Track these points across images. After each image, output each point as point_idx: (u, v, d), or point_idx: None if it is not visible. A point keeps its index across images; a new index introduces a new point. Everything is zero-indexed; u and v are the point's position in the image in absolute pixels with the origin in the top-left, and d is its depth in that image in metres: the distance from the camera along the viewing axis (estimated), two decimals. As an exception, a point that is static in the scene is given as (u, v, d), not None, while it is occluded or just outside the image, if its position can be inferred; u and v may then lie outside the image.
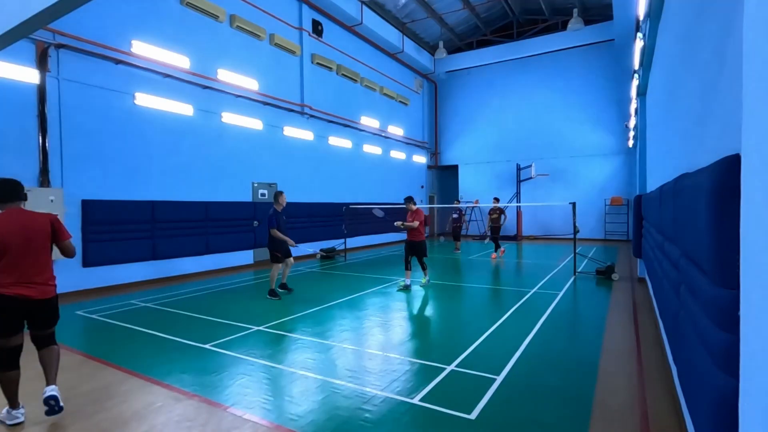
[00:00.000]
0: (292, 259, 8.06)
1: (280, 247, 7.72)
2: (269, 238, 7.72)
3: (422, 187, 22.13)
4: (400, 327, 5.96)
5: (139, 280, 9.25)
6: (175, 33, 9.95)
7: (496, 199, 14.04)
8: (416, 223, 8.31)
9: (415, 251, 8.53)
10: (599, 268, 9.67)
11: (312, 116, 14.19)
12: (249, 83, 11.88)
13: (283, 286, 8.06)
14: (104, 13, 8.57)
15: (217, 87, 10.97)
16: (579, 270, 10.23)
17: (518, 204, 18.77)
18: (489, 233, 13.70)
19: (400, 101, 19.67)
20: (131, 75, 9.08)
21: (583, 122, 19.13)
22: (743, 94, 1.37)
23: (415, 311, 6.84)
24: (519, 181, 20.20)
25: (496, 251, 13.30)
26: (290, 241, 7.77)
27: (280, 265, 7.83)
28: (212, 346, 5.10)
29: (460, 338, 5.36)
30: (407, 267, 8.50)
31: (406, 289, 8.33)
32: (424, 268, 8.71)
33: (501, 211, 13.33)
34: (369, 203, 16.57)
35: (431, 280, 9.04)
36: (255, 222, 11.92)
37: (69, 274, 8.07)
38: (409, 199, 8.57)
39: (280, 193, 7.90)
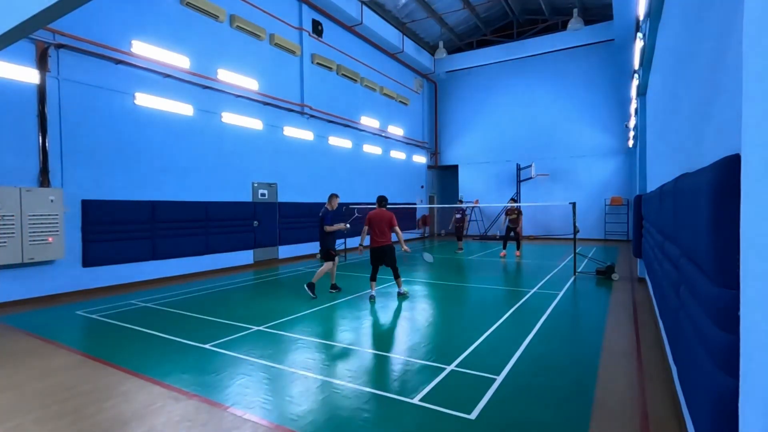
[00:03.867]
0: (337, 258, 8.27)
1: (334, 244, 8.01)
2: (325, 236, 7.89)
3: (422, 187, 22.13)
4: (400, 327, 5.96)
5: (139, 280, 9.25)
6: (175, 33, 9.95)
7: (513, 200, 14.00)
8: (341, 226, 7.81)
9: (377, 259, 7.48)
10: (599, 268, 9.67)
11: (312, 116, 14.19)
12: (249, 83, 11.88)
13: (333, 286, 8.25)
14: (104, 13, 8.57)
15: (217, 87, 10.97)
16: (579, 270, 10.23)
17: (518, 204, 18.73)
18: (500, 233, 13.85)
19: (400, 101, 19.67)
20: (131, 75, 9.08)
21: (583, 122, 19.13)
22: (743, 94, 1.37)
23: (415, 311, 6.83)
24: (519, 181, 20.21)
25: (518, 249, 13.92)
26: (343, 226, 8.06)
27: (331, 263, 8.00)
28: (212, 346, 5.10)
29: (460, 338, 5.35)
30: (372, 278, 7.64)
31: (372, 299, 7.44)
32: (395, 277, 7.65)
33: (519, 211, 13.36)
34: (369, 203, 16.56)
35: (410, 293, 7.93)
36: (255, 222, 11.93)
37: (69, 274, 8.08)
38: (381, 199, 7.65)
39: (335, 195, 8.16)
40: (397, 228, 7.39)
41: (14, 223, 7.17)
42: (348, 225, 8.39)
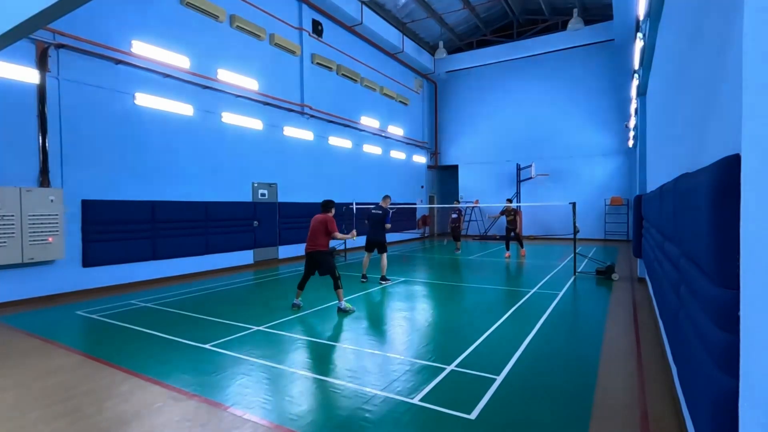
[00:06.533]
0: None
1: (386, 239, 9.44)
2: (383, 232, 9.28)
3: (422, 187, 22.13)
4: (400, 327, 5.96)
5: (139, 280, 9.25)
6: (175, 33, 9.94)
7: (510, 200, 14.01)
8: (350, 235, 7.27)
9: (309, 265, 6.83)
10: (599, 268, 9.67)
11: (312, 116, 14.18)
12: (249, 83, 11.87)
13: (383, 278, 9.23)
14: (104, 13, 8.57)
15: (217, 87, 10.96)
16: (579, 270, 10.23)
17: (518, 204, 18.76)
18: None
19: (400, 101, 19.67)
20: (131, 75, 9.08)
21: (583, 122, 19.13)
22: (743, 94, 1.37)
23: (415, 311, 6.83)
24: (519, 181, 20.21)
25: (522, 247, 13.81)
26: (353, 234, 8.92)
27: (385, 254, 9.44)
28: (212, 346, 5.10)
29: (460, 338, 5.36)
30: (299, 285, 6.99)
31: (295, 307, 6.88)
32: (335, 288, 6.68)
33: (515, 212, 13.32)
34: (369, 203, 16.57)
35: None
36: (255, 222, 11.92)
37: (69, 274, 8.08)
38: (323, 204, 7.08)
39: (388, 196, 9.69)
40: (335, 234, 6.68)
41: (14, 223, 7.17)
42: (389, 225, 9.54)
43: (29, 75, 7.50)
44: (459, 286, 8.91)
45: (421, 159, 21.80)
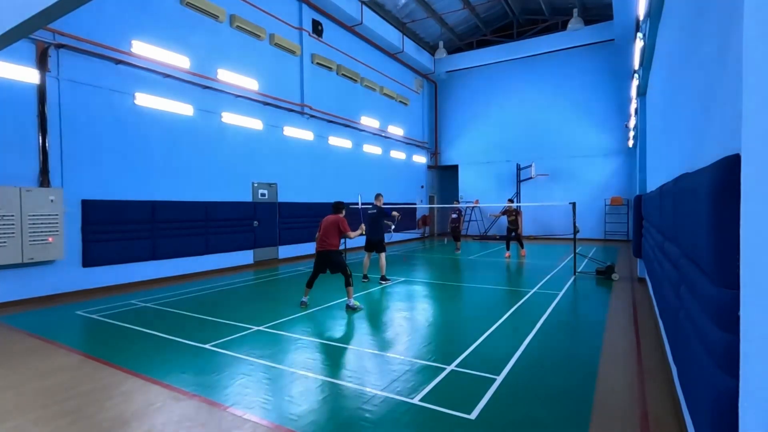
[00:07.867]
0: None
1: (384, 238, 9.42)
2: (380, 230, 9.28)
3: (422, 187, 22.13)
4: (400, 327, 5.96)
5: (139, 280, 9.25)
6: (175, 33, 9.94)
7: (511, 201, 13.96)
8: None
9: (319, 264, 6.95)
10: (599, 268, 9.67)
11: (312, 116, 14.18)
12: (249, 83, 11.88)
13: (383, 278, 9.23)
14: (104, 13, 8.57)
15: (217, 87, 10.96)
16: (579, 270, 10.23)
17: (518, 204, 18.74)
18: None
19: (400, 101, 19.67)
20: (131, 75, 9.08)
21: (583, 122, 19.13)
22: (743, 94, 1.37)
23: (415, 311, 6.83)
24: (519, 181, 20.21)
25: (522, 248, 13.77)
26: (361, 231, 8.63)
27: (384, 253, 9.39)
28: (212, 346, 5.10)
29: (460, 338, 5.36)
30: (308, 283, 7.12)
31: (303, 305, 7.02)
32: (346, 286, 6.82)
33: (517, 212, 13.31)
34: (369, 203, 16.56)
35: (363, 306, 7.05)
36: (255, 222, 11.92)
37: (69, 274, 8.08)
38: (334, 205, 7.23)
39: (381, 194, 9.80)
40: (348, 233, 6.88)
41: (14, 223, 7.17)
42: (394, 224, 9.77)
43: (29, 75, 7.50)
44: (459, 286, 8.90)
45: (421, 159, 21.80)
